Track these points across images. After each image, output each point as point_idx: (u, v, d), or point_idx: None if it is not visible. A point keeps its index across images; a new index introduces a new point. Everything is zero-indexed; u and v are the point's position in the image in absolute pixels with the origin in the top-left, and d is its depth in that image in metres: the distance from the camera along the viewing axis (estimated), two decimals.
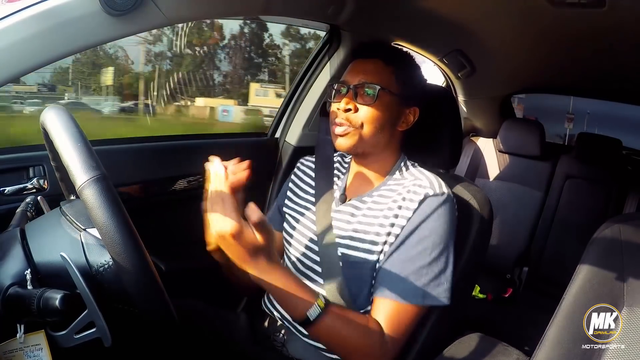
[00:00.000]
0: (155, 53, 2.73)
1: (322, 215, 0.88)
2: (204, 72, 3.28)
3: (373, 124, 0.83)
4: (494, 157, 2.06)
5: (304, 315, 0.70)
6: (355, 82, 0.84)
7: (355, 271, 0.81)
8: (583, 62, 1.52)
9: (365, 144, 0.84)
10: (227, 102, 3.47)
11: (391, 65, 0.85)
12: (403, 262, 0.77)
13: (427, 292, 0.76)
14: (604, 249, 0.73)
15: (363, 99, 0.83)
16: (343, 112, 0.83)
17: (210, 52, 3.34)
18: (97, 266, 0.59)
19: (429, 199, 0.79)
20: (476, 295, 1.77)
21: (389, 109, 0.84)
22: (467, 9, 1.23)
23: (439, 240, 0.78)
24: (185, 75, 2.93)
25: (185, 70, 3.00)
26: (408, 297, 0.76)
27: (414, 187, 0.81)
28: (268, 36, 3.59)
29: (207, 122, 3.27)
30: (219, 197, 0.63)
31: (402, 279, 0.76)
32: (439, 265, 0.77)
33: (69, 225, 0.63)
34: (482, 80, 1.76)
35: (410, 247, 0.78)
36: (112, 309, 0.58)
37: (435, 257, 0.77)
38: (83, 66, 2.37)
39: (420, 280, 0.76)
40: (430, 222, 0.78)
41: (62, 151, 0.55)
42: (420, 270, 0.76)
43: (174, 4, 0.78)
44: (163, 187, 1.17)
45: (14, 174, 0.90)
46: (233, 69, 3.67)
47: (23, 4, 0.65)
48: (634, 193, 1.81)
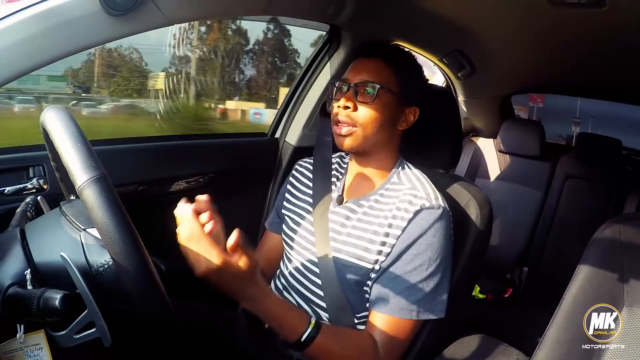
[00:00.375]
0: (185, 58, 2.84)
1: (319, 217, 0.88)
2: (236, 76, 3.42)
3: (372, 122, 0.83)
4: (494, 157, 2.05)
5: (298, 336, 0.71)
6: (356, 81, 0.84)
7: (348, 274, 0.81)
8: (583, 62, 1.52)
9: (365, 142, 0.84)
10: (258, 105, 3.72)
11: (392, 65, 0.86)
12: (398, 277, 0.77)
13: (421, 307, 0.76)
14: (604, 249, 0.73)
15: (363, 97, 0.83)
16: (343, 110, 0.83)
17: (241, 57, 3.48)
18: (97, 266, 0.59)
19: (425, 212, 0.79)
20: (476, 295, 1.77)
21: (389, 108, 0.84)
22: (467, 9, 1.23)
23: (436, 256, 0.77)
24: (216, 79, 3.03)
25: (216, 75, 3.12)
26: (402, 312, 0.76)
27: (409, 197, 0.81)
28: (296, 41, 3.74)
29: (243, 124, 3.51)
30: (192, 238, 0.61)
31: (397, 294, 0.76)
32: (435, 280, 0.77)
33: (68, 225, 0.63)
34: (482, 80, 1.76)
35: (406, 263, 0.78)
36: (112, 309, 0.58)
37: (431, 272, 0.77)
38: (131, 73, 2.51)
39: (415, 295, 0.76)
40: (427, 238, 0.78)
41: (62, 151, 0.55)
42: (415, 285, 0.76)
43: (174, 4, 0.78)
44: (163, 187, 1.17)
45: (14, 174, 0.90)
46: (263, 73, 3.82)
47: (23, 4, 0.65)
48: (634, 193, 1.81)
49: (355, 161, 0.91)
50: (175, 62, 2.86)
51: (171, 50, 2.54)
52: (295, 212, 0.94)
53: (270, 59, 3.84)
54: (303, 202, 0.94)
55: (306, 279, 0.87)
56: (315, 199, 0.91)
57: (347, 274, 0.81)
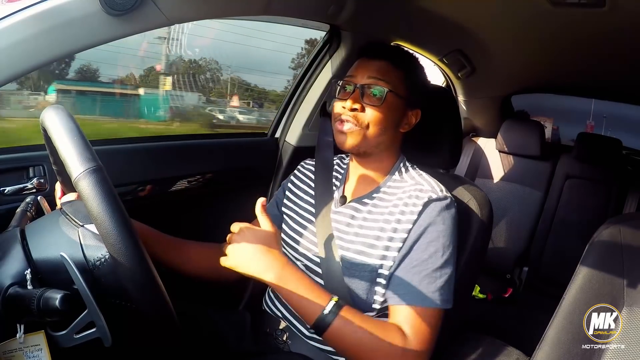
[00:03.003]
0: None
1: (321, 217, 0.88)
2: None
3: (378, 125, 0.83)
4: (493, 157, 2.06)
5: (318, 314, 0.71)
6: (363, 81, 0.84)
7: (354, 273, 0.81)
8: (583, 61, 1.52)
9: (368, 143, 0.84)
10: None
11: (400, 68, 0.86)
12: (415, 267, 0.77)
13: (442, 295, 0.76)
14: (604, 249, 0.73)
15: (370, 99, 0.83)
16: (349, 111, 0.82)
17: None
18: (94, 260, 0.59)
19: (434, 203, 0.79)
20: (476, 295, 1.77)
21: (395, 111, 0.84)
22: (468, 9, 1.23)
23: (448, 242, 0.78)
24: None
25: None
26: (425, 301, 0.75)
27: (415, 192, 0.81)
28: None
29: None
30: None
31: (417, 283, 0.76)
32: (450, 267, 0.78)
33: (67, 223, 0.64)
34: (482, 80, 1.76)
35: (420, 252, 0.77)
36: (110, 305, 0.58)
37: (446, 259, 0.77)
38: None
39: (435, 283, 0.76)
40: (437, 225, 0.78)
41: (59, 145, 0.55)
42: (433, 273, 0.76)
43: (174, 4, 0.78)
44: (163, 187, 1.17)
45: (14, 174, 0.90)
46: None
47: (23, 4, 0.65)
48: (634, 193, 1.81)
49: (356, 161, 0.91)
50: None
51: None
52: (297, 212, 0.94)
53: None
54: (305, 203, 0.94)
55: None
56: (318, 199, 0.91)
57: (354, 273, 0.81)
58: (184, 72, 2.21)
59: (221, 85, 2.58)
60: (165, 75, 2.12)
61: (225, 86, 2.60)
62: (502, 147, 1.99)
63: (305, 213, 0.92)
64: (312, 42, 1.58)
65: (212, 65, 2.40)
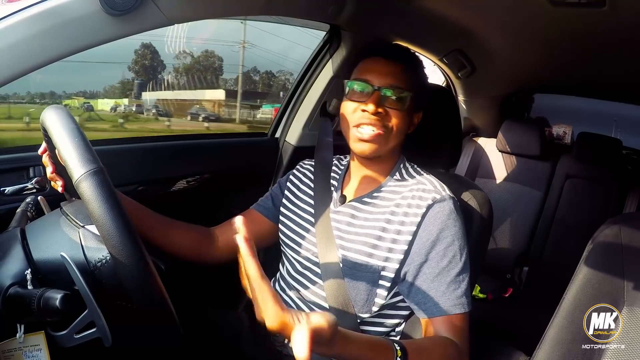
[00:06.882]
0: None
1: (321, 216, 0.88)
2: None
3: (400, 129, 0.83)
4: (494, 157, 2.06)
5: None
6: (383, 85, 0.81)
7: (356, 274, 0.80)
8: (583, 61, 1.52)
9: (387, 148, 0.83)
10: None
11: (413, 71, 0.85)
12: (438, 275, 0.77)
13: (467, 297, 0.76)
14: (604, 249, 0.73)
15: (392, 103, 0.81)
16: (372, 115, 0.80)
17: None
18: (95, 261, 0.59)
19: (438, 205, 0.79)
20: (476, 295, 1.76)
21: (410, 114, 0.85)
22: (467, 9, 1.23)
23: (463, 243, 0.78)
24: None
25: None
26: (456, 307, 0.75)
27: (418, 192, 0.81)
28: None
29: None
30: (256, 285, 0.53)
31: (444, 291, 0.76)
32: (468, 269, 0.78)
33: (68, 223, 0.64)
34: (482, 80, 1.76)
35: (439, 259, 0.77)
36: (111, 305, 0.58)
37: (464, 260, 0.78)
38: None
39: (460, 288, 0.76)
40: (450, 229, 0.78)
41: (60, 146, 0.55)
42: (457, 277, 0.77)
43: (174, 4, 0.78)
44: (163, 187, 1.17)
45: (14, 174, 0.90)
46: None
47: (23, 4, 0.65)
48: (634, 193, 1.81)
49: (360, 162, 0.90)
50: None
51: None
52: (296, 212, 0.94)
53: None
54: (304, 203, 0.94)
55: (307, 280, 0.87)
56: (317, 199, 0.91)
57: (355, 274, 0.80)
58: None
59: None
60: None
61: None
62: (502, 147, 1.99)
63: (305, 213, 0.92)
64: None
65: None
